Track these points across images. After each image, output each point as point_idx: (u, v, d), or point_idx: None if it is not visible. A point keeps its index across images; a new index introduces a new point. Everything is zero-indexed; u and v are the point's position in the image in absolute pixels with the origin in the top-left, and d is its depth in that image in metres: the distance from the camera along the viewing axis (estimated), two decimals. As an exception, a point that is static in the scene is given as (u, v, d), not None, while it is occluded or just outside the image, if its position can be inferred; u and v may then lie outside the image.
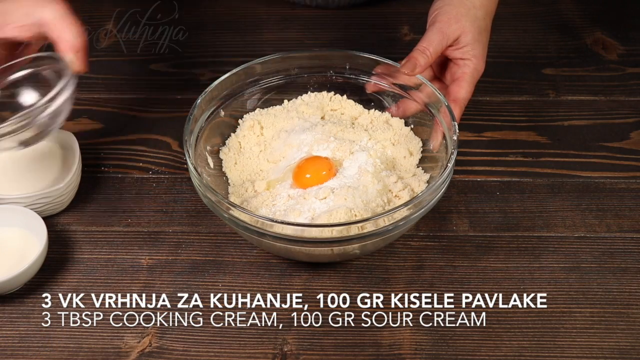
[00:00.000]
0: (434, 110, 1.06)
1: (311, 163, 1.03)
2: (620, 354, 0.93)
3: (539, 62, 1.27)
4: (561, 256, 1.02)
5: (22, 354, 0.95)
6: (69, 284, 1.00)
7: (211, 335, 0.96)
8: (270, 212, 1.00)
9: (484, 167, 1.13)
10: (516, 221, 1.06)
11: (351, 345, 0.95)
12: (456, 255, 1.02)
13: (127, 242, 1.05)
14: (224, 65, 1.25)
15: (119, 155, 1.15)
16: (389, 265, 1.02)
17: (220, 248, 1.04)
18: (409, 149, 1.08)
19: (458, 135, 1.00)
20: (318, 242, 0.94)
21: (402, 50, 1.13)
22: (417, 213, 0.95)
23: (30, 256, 0.98)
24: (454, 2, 1.07)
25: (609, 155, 1.14)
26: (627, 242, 1.03)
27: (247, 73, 1.10)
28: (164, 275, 1.01)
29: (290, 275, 1.01)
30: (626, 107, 1.20)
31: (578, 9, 1.36)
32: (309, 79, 1.13)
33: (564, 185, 1.10)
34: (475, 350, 0.94)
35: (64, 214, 1.08)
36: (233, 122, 1.11)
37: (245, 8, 1.37)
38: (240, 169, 1.07)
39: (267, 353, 0.94)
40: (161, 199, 1.09)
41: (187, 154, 0.99)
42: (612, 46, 1.29)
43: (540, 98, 1.22)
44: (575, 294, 0.99)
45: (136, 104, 1.22)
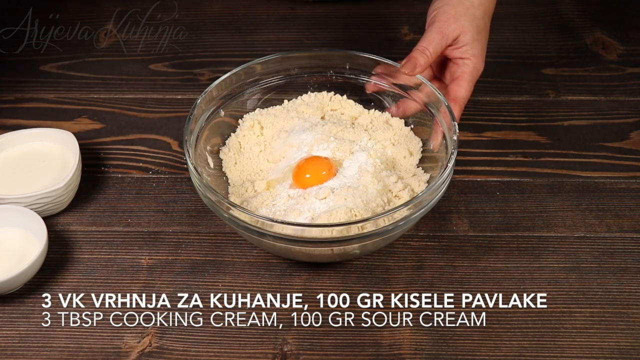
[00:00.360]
0: (433, 110, 1.06)
1: (311, 163, 1.03)
2: (620, 354, 0.93)
3: (539, 62, 1.27)
4: (561, 256, 1.02)
5: (22, 354, 0.94)
6: (69, 284, 1.00)
7: (211, 335, 0.96)
8: (270, 212, 1.00)
9: (484, 167, 1.12)
10: (516, 221, 1.06)
11: (351, 345, 0.95)
12: (456, 255, 1.02)
13: (127, 242, 1.05)
14: (224, 65, 1.25)
15: (119, 155, 1.15)
16: (389, 265, 1.02)
17: (220, 248, 1.04)
18: (409, 149, 1.08)
19: (458, 135, 1.00)
20: (318, 242, 0.94)
21: (402, 50, 1.13)
22: (417, 213, 0.95)
23: (30, 256, 0.98)
24: (453, 1, 1.07)
25: (609, 155, 1.14)
26: (627, 242, 1.03)
27: (247, 73, 1.10)
28: (164, 275, 1.01)
29: (290, 275, 1.01)
30: (626, 107, 1.20)
31: (578, 9, 1.36)
32: (309, 79, 1.13)
33: (564, 185, 1.10)
34: (475, 350, 0.94)
35: (64, 214, 1.08)
36: (233, 122, 1.11)
37: (245, 8, 1.37)
38: (240, 169, 1.07)
39: (267, 353, 0.94)
40: (161, 199, 1.09)
41: (187, 154, 0.99)
42: (612, 46, 1.29)
43: (540, 98, 1.22)
44: (575, 294, 0.99)
45: (136, 104, 1.22)
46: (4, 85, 1.25)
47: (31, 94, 1.24)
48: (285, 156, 1.07)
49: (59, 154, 1.10)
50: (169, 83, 1.25)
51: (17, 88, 1.24)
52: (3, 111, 1.21)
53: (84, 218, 1.07)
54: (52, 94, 1.24)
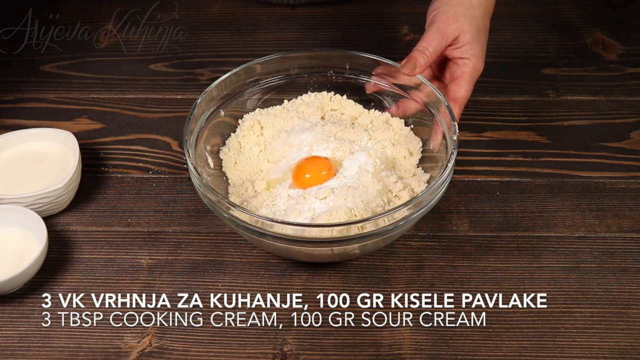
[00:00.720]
0: (434, 110, 1.06)
1: (311, 163, 1.03)
2: (620, 354, 0.93)
3: (539, 62, 1.27)
4: (561, 256, 1.02)
5: (22, 354, 0.94)
6: (69, 284, 1.00)
7: (211, 335, 0.96)
8: (270, 212, 1.00)
9: (484, 167, 1.12)
10: (516, 221, 1.06)
11: (351, 345, 0.95)
12: (456, 255, 1.02)
13: (127, 242, 1.05)
14: (224, 65, 1.25)
15: (119, 155, 1.15)
16: (389, 265, 1.02)
17: (220, 248, 1.04)
18: (409, 149, 1.08)
19: (458, 135, 1.00)
20: (318, 242, 0.94)
21: (402, 50, 1.13)
22: (417, 213, 0.95)
23: (30, 256, 0.98)
24: (452, 1, 1.07)
25: (609, 155, 1.14)
26: (627, 242, 1.03)
27: (247, 73, 1.10)
28: (164, 275, 1.01)
29: (290, 275, 1.01)
30: (626, 107, 1.20)
31: (578, 9, 1.36)
32: (309, 79, 1.13)
33: (564, 185, 1.10)
34: (475, 350, 0.94)
35: (64, 214, 1.08)
36: (233, 122, 1.11)
37: (245, 8, 1.37)
38: (240, 169, 1.07)
39: (267, 353, 0.94)
40: (161, 199, 1.09)
41: (187, 154, 0.99)
42: (612, 46, 1.29)
43: (540, 98, 1.22)
44: (575, 294, 0.99)
45: (136, 104, 1.22)
46: (4, 85, 1.25)
47: (31, 94, 1.24)
48: (285, 156, 1.07)
49: (59, 154, 1.10)
50: (169, 83, 1.25)
51: (17, 88, 1.24)
52: (3, 111, 1.21)
53: (84, 218, 1.07)
54: (52, 94, 1.24)
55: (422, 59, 1.04)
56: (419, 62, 1.04)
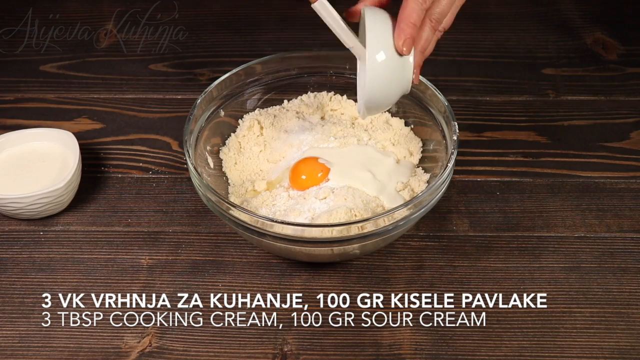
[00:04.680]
0: (434, 110, 1.06)
1: (304, 165, 1.03)
2: (620, 354, 0.93)
3: (539, 62, 1.27)
4: (561, 256, 1.02)
5: (22, 354, 0.95)
6: (69, 284, 1.00)
7: (211, 335, 0.96)
8: (270, 212, 1.00)
9: (484, 167, 1.12)
10: (516, 221, 1.06)
11: (351, 345, 0.95)
12: (456, 255, 1.02)
13: (127, 242, 1.05)
14: (224, 65, 1.25)
15: (119, 155, 1.15)
16: (389, 265, 1.02)
17: (220, 248, 1.04)
18: (409, 149, 1.08)
19: (458, 135, 1.00)
20: (318, 242, 0.94)
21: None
22: (417, 213, 0.95)
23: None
24: None
25: (609, 155, 1.14)
26: (627, 242, 1.03)
27: (247, 73, 1.10)
28: (164, 275, 1.01)
29: (290, 275, 1.01)
30: (626, 107, 1.20)
31: (578, 9, 1.36)
32: (309, 79, 1.13)
33: (564, 185, 1.10)
34: (475, 350, 0.94)
35: (64, 214, 1.08)
36: (233, 122, 1.11)
37: (245, 8, 1.37)
38: (240, 169, 1.07)
39: (267, 353, 0.94)
40: (161, 199, 1.09)
41: (187, 154, 0.99)
42: (612, 46, 1.29)
43: (540, 98, 1.22)
44: (575, 294, 0.99)
45: (136, 104, 1.22)
46: (4, 85, 1.25)
47: (31, 94, 1.24)
48: (285, 156, 1.07)
49: (59, 154, 1.10)
50: (169, 83, 1.25)
51: (17, 88, 1.25)
52: (3, 111, 1.21)
53: (84, 218, 1.07)
54: (52, 94, 1.24)
55: (409, 29, 0.90)
56: (409, 35, 0.90)
